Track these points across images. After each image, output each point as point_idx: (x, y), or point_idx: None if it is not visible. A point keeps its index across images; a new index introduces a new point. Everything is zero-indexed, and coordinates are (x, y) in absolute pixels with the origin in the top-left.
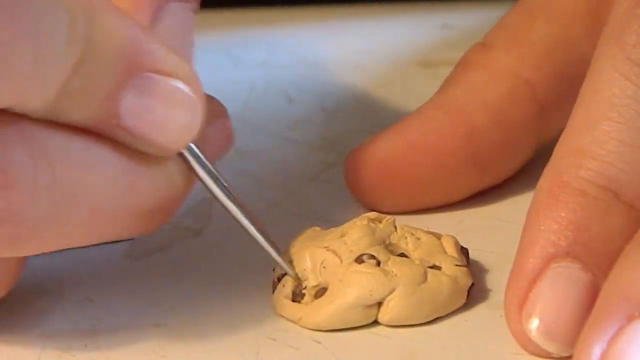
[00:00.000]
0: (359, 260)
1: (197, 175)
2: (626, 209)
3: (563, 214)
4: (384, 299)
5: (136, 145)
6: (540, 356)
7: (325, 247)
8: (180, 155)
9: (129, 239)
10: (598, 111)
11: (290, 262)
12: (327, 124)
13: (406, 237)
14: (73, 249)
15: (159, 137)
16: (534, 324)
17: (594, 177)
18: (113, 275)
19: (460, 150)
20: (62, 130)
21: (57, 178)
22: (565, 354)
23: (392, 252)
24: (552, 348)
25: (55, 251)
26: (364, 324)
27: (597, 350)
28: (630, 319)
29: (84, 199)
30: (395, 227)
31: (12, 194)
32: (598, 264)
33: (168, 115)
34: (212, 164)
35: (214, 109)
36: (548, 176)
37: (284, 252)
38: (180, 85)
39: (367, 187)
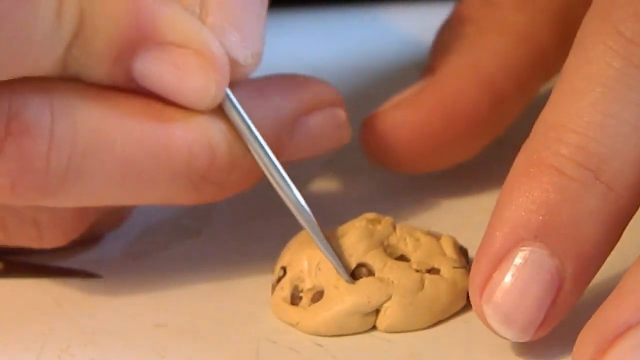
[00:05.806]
0: (354, 275)
1: (244, 140)
2: (603, 191)
3: (536, 194)
4: (381, 305)
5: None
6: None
7: None
8: (224, 120)
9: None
10: (582, 84)
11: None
12: None
13: (405, 239)
14: (72, 248)
15: (176, 98)
16: (491, 307)
17: (573, 152)
18: (113, 275)
19: (488, 117)
20: (88, 88)
21: (79, 130)
22: (520, 340)
23: (390, 255)
24: (508, 334)
25: (54, 250)
26: (361, 331)
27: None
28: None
29: (111, 155)
30: (395, 228)
31: (25, 140)
32: (566, 250)
33: (178, 82)
34: (321, 152)
35: (323, 96)
36: (525, 151)
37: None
38: (188, 53)
39: (392, 149)
